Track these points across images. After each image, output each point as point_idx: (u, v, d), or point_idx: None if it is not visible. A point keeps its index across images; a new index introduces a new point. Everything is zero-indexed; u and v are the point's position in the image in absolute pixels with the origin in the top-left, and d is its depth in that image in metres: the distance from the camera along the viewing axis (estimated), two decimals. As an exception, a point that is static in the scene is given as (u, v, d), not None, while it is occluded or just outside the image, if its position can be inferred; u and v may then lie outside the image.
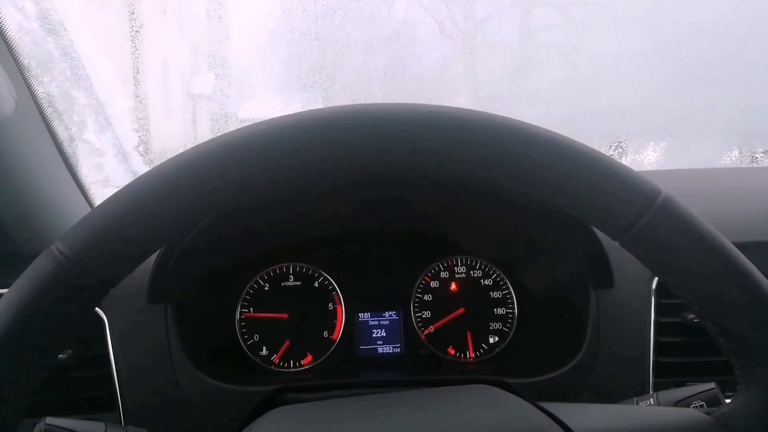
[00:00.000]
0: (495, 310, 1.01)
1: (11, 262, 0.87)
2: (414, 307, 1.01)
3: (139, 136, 1.20)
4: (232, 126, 1.34)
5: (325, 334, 0.99)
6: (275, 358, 0.97)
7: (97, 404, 0.81)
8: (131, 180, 0.42)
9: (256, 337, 0.98)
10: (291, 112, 0.44)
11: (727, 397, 0.50)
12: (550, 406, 0.48)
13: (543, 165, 0.43)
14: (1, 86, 0.73)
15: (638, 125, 1.46)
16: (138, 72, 1.29)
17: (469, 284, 1.02)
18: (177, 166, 0.42)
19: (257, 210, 0.87)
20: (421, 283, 1.02)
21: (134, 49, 1.26)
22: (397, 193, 0.90)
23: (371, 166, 0.43)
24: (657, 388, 0.83)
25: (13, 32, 0.82)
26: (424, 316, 1.01)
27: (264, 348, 0.97)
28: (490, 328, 1.00)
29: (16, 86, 0.79)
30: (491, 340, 1.00)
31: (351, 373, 0.96)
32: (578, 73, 1.51)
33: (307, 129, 0.42)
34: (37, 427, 0.51)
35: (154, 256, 0.80)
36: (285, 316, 0.98)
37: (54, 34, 0.94)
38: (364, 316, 1.00)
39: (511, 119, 0.44)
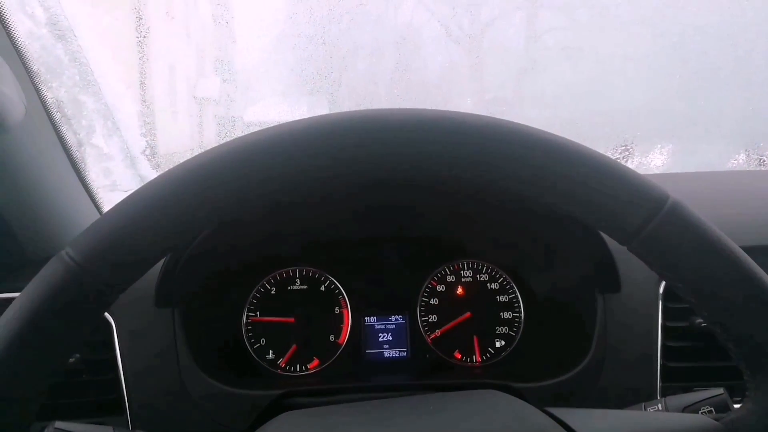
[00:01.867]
0: (501, 314, 1.00)
1: (20, 266, 0.88)
2: (420, 311, 1.01)
3: (146, 141, 1.20)
4: (239, 130, 1.35)
5: (332, 338, 0.99)
6: (281, 362, 0.97)
7: (105, 408, 0.81)
8: (139, 185, 0.43)
9: (263, 341, 0.98)
10: (297, 117, 0.44)
11: (736, 403, 0.49)
12: (557, 411, 0.48)
13: (550, 169, 0.43)
14: (10, 91, 0.74)
15: (645, 128, 1.45)
16: (145, 76, 1.30)
17: (475, 288, 1.02)
18: (185, 171, 0.42)
19: (264, 214, 0.87)
20: (427, 287, 1.02)
21: (142, 54, 1.27)
22: (404, 198, 0.90)
23: (382, 171, 0.43)
24: (665, 393, 0.82)
25: (23, 38, 0.83)
26: (430, 320, 1.00)
27: (270, 352, 0.97)
28: (497, 332, 1.00)
29: (26, 91, 0.80)
30: (498, 345, 0.99)
31: (357, 377, 0.96)
32: (584, 76, 1.50)
33: (315, 135, 0.42)
34: (45, 430, 0.51)
35: (161, 261, 0.81)
36: (291, 320, 0.98)
37: (63, 40, 0.95)
38: (370, 320, 1.00)
39: (519, 123, 0.44)
